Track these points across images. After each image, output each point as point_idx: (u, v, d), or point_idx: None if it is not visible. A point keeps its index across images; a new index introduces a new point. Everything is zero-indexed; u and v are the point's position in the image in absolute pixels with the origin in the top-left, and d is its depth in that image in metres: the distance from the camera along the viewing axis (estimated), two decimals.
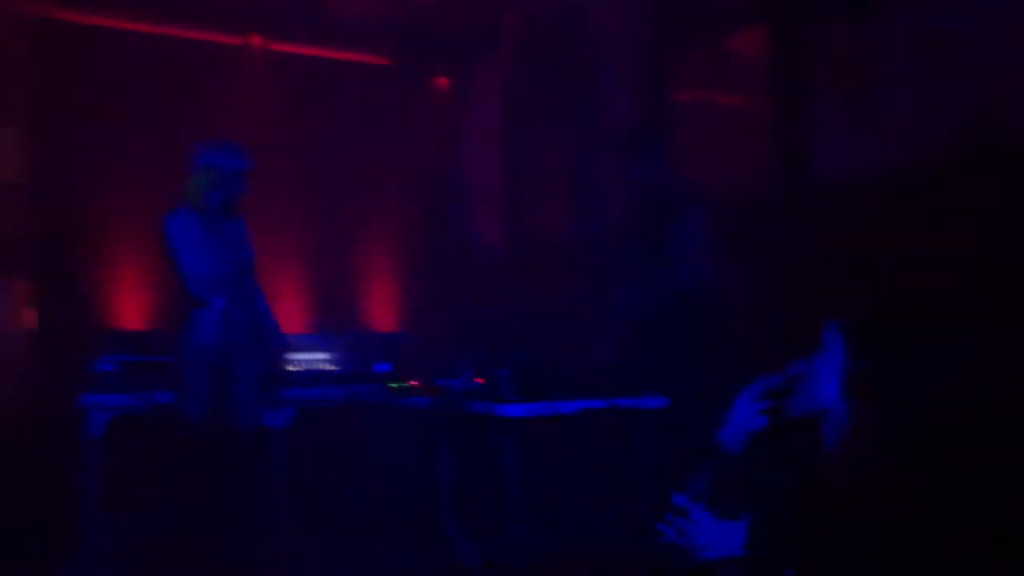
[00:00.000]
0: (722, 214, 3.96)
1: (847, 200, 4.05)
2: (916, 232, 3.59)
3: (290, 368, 4.53)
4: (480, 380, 3.72)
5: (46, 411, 5.34)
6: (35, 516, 4.30)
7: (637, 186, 4.05)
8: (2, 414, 5.84)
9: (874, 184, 3.95)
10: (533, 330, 4.96)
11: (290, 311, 6.49)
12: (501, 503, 3.42)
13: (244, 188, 3.73)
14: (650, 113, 5.47)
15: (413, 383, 4.03)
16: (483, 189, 7.23)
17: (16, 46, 6.39)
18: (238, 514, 3.65)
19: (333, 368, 4.67)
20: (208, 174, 3.67)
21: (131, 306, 6.29)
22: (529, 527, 3.41)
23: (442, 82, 7.51)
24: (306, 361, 4.68)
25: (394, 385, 4.06)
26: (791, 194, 4.50)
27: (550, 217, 6.60)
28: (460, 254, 6.99)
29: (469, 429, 3.72)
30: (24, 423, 5.65)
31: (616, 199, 5.62)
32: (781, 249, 4.19)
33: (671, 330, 3.75)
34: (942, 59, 3.91)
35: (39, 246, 6.52)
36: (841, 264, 3.83)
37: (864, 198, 3.97)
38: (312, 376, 4.57)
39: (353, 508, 4.27)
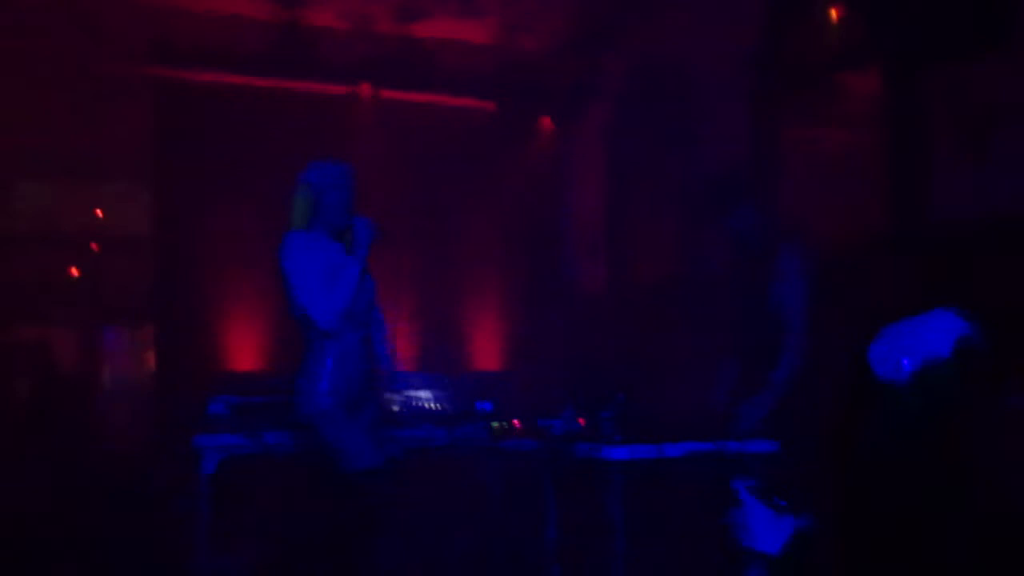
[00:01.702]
0: (831, 255, 3.84)
1: (965, 241, 3.86)
2: None
3: (394, 408, 4.55)
4: (583, 421, 3.65)
5: (163, 449, 5.52)
6: (149, 550, 4.43)
7: (732, 237, 4.00)
8: (121, 450, 6.09)
9: (994, 226, 3.76)
10: (637, 372, 4.87)
11: (394, 351, 6.56)
12: (606, 548, 3.33)
13: (344, 206, 3.45)
14: (755, 156, 5.37)
15: (515, 423, 4.00)
16: (587, 231, 7.21)
17: (140, 106, 6.75)
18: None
19: (436, 408, 4.68)
20: (305, 191, 3.44)
21: (244, 349, 6.48)
22: (634, 573, 3.31)
23: (546, 124, 7.56)
24: (409, 401, 4.70)
25: (496, 425, 4.03)
26: (906, 233, 4.33)
27: (654, 260, 6.51)
28: (564, 295, 6.96)
29: (573, 472, 3.66)
30: (142, 459, 5.86)
31: (720, 244, 5.52)
32: (893, 290, 4.01)
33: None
34: None
35: (161, 293, 6.80)
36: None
37: (983, 239, 3.77)
38: (414, 416, 4.58)
39: (454, 551, 4.24)
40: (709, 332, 4.78)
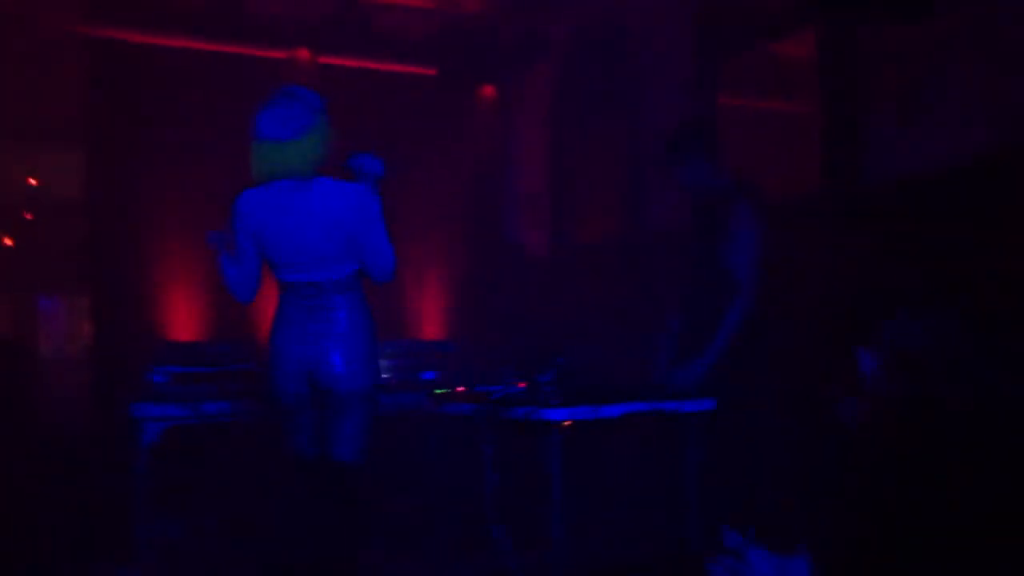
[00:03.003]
0: (770, 216, 3.88)
1: (897, 200, 3.95)
2: (969, 231, 3.49)
3: None
4: (522, 385, 3.69)
5: (102, 419, 5.46)
6: (89, 521, 4.40)
7: (685, 190, 3.99)
8: (61, 421, 6.01)
9: (925, 184, 3.86)
10: (578, 335, 4.92)
11: None
12: (545, 507, 3.39)
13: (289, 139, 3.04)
14: (697, 118, 5.42)
15: (458, 390, 4.03)
16: (530, 196, 7.22)
17: (74, 67, 6.58)
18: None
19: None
20: (256, 147, 3.07)
21: (183, 318, 6.40)
22: (574, 533, 3.37)
23: (488, 91, 7.52)
24: None
25: (438, 392, 4.06)
26: (839, 195, 4.41)
27: (597, 223, 6.57)
28: (507, 261, 6.99)
29: (513, 435, 3.70)
30: (81, 430, 5.79)
31: (664, 204, 5.57)
32: (829, 250, 4.10)
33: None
34: (997, 56, 3.80)
35: (97, 261, 6.68)
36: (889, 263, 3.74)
37: (915, 198, 3.87)
38: None
39: (397, 516, 4.29)
40: (651, 291, 4.84)
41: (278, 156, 3.08)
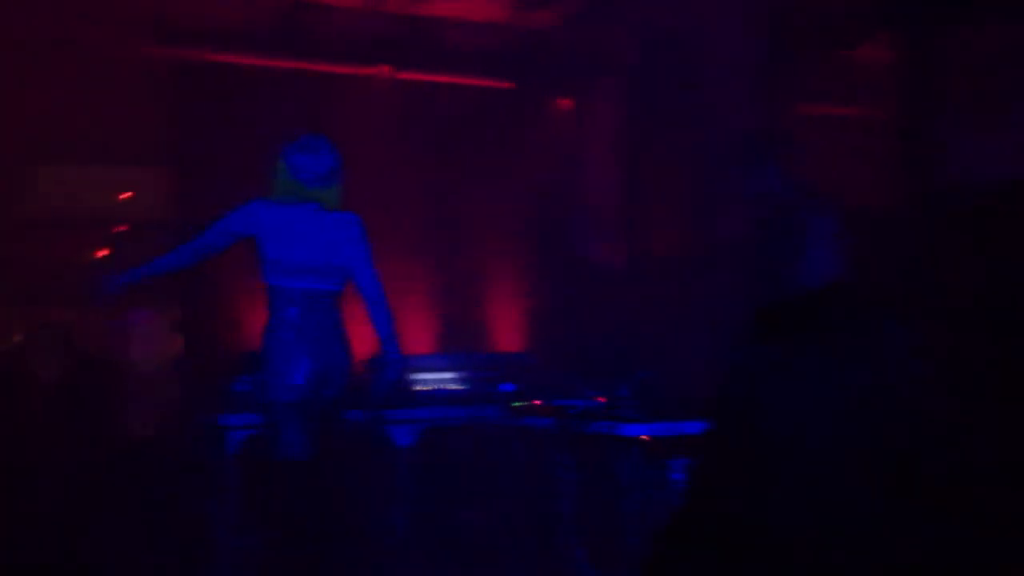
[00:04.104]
0: (848, 223, 3.79)
1: (976, 205, 3.83)
2: None
3: (415, 388, 4.60)
4: (602, 399, 3.67)
5: (190, 431, 5.59)
6: (174, 528, 4.50)
7: (758, 200, 3.92)
8: (150, 434, 6.16)
9: (1004, 189, 3.73)
10: (655, 348, 4.87)
11: (416, 333, 6.60)
12: (625, 523, 3.35)
13: (322, 187, 3.45)
14: (770, 127, 5.33)
15: (536, 403, 4.02)
16: (604, 208, 7.19)
17: (161, 88, 6.77)
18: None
19: (459, 388, 4.71)
20: (282, 171, 3.50)
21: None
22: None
23: (564, 103, 7.52)
24: (432, 382, 4.75)
25: (517, 405, 4.06)
26: (919, 200, 4.29)
27: (671, 234, 6.50)
28: (583, 273, 6.96)
29: (592, 450, 3.68)
30: (170, 442, 5.93)
31: (738, 213, 5.49)
32: (910, 255, 3.99)
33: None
34: None
35: (184, 276, 6.86)
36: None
37: (994, 203, 3.74)
38: (437, 396, 4.63)
39: (474, 528, 4.29)
40: (727, 303, 4.76)
41: (308, 195, 3.49)
